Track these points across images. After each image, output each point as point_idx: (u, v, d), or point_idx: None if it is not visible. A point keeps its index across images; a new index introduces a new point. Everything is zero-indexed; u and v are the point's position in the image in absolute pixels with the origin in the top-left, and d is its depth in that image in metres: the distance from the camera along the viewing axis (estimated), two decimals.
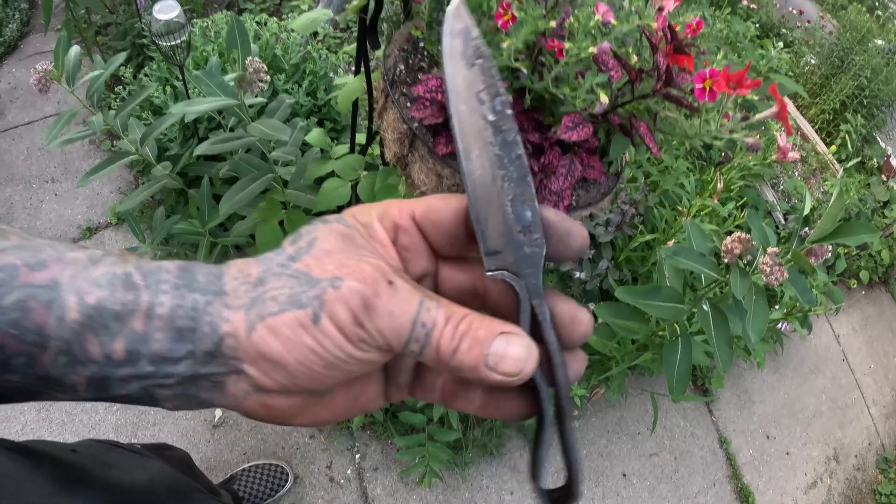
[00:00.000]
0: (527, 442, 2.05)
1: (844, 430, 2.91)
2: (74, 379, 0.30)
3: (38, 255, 0.30)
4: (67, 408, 1.86)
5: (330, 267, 0.30)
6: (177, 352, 0.29)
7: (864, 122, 3.85)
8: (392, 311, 0.30)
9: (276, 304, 0.30)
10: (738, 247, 1.28)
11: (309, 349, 0.29)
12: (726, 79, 0.72)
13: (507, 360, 0.30)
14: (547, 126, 0.81)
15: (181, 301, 0.30)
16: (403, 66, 0.90)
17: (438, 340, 0.30)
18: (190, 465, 1.11)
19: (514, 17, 0.71)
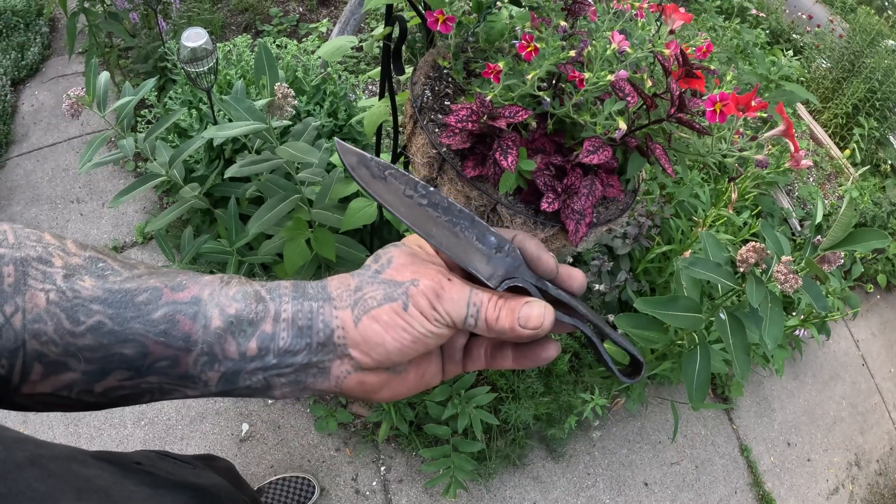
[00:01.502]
0: (549, 452, 2.07)
1: (865, 435, 2.90)
2: (210, 375, 0.39)
3: (174, 279, 0.40)
4: (96, 423, 1.91)
5: (408, 273, 0.43)
6: (297, 345, 0.40)
7: (878, 125, 3.85)
8: (454, 298, 0.42)
9: (375, 301, 0.41)
10: (752, 256, 1.31)
11: (402, 328, 0.40)
12: (735, 101, 0.76)
13: (532, 317, 0.42)
14: (568, 149, 0.85)
15: (300, 307, 0.41)
16: (430, 93, 0.94)
17: (485, 313, 0.42)
18: (236, 475, 1.14)
19: (536, 48, 0.75)
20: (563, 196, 0.80)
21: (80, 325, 0.36)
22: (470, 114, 0.77)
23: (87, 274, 0.37)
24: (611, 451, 2.16)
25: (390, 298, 0.41)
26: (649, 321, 1.58)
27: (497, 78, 0.75)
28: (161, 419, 1.94)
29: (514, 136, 0.79)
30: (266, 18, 3.05)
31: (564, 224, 0.82)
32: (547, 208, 0.79)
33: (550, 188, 0.79)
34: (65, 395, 0.38)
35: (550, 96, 0.81)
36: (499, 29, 0.91)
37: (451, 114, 0.78)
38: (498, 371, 1.84)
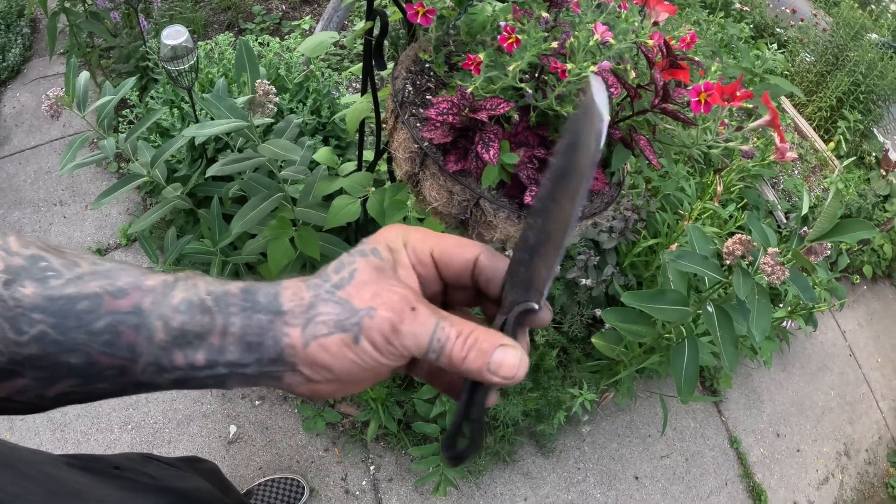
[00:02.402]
0: (538, 447, 2.07)
1: (854, 425, 2.92)
2: (160, 381, 0.38)
3: (115, 282, 0.38)
4: (82, 428, 1.89)
5: (367, 295, 0.38)
6: (247, 359, 0.38)
7: (862, 118, 3.87)
8: (414, 332, 0.38)
9: (325, 328, 0.38)
10: (739, 248, 1.31)
11: (351, 361, 0.38)
12: (720, 91, 0.75)
13: (505, 366, 0.38)
14: (552, 141, 0.84)
15: (249, 321, 0.38)
16: (412, 88, 0.93)
17: (451, 351, 0.38)
18: (221, 477, 1.13)
19: (518, 40, 0.74)
20: None
21: (24, 334, 0.35)
22: (451, 106, 0.76)
23: (27, 278, 0.36)
24: (601, 446, 2.16)
25: (341, 328, 0.38)
26: (637, 315, 1.58)
27: (477, 69, 0.74)
28: (148, 423, 1.92)
29: (496, 129, 0.78)
30: (249, 16, 3.02)
31: None
32: (531, 202, 0.78)
33: (534, 181, 0.78)
34: (18, 400, 0.38)
35: (533, 88, 0.80)
36: (480, 21, 0.90)
37: (432, 107, 0.77)
38: None
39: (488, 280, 0.43)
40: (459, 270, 0.43)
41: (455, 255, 0.43)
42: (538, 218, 0.41)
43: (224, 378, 0.38)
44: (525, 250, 0.42)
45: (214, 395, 1.94)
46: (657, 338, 1.64)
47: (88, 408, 1.85)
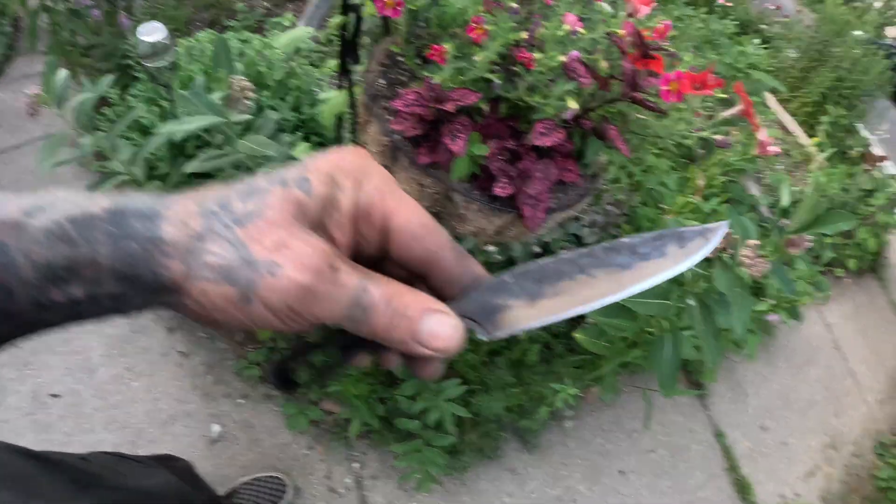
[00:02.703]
0: (523, 443, 2.07)
1: (840, 417, 2.94)
2: (49, 318, 0.33)
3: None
4: (66, 429, 1.88)
5: (269, 244, 0.31)
6: (129, 291, 0.32)
7: (846, 113, 3.89)
8: (332, 296, 0.31)
9: (211, 272, 0.30)
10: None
11: (237, 319, 0.31)
12: (691, 80, 0.75)
13: (440, 336, 0.33)
14: (522, 132, 0.84)
15: (118, 252, 0.31)
16: (384, 81, 0.92)
17: (377, 319, 0.32)
18: (194, 475, 1.12)
19: (486, 30, 0.73)
20: (517, 181, 0.78)
21: None
22: (418, 98, 0.75)
23: None
24: (586, 441, 2.16)
25: (229, 279, 0.30)
26: (618, 309, 1.58)
27: (443, 59, 0.74)
28: (131, 423, 1.91)
29: (464, 120, 0.77)
30: (231, 14, 3.00)
31: (521, 210, 0.81)
32: (500, 193, 0.77)
33: (504, 173, 0.78)
34: None
35: (503, 80, 0.79)
36: (451, 14, 0.89)
37: (399, 98, 0.76)
38: (467, 363, 1.82)
39: (447, 281, 0.37)
40: (414, 257, 0.36)
41: (417, 239, 0.36)
42: (566, 275, 0.37)
43: (117, 309, 0.33)
44: (527, 285, 0.37)
45: (197, 394, 1.93)
46: (640, 332, 1.64)
47: (72, 409, 1.83)
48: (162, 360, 1.94)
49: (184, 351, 1.96)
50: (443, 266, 0.36)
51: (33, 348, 1.83)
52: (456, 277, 0.37)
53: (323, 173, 0.33)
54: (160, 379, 1.91)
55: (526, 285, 0.36)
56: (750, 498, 2.35)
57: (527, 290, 0.36)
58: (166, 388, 1.91)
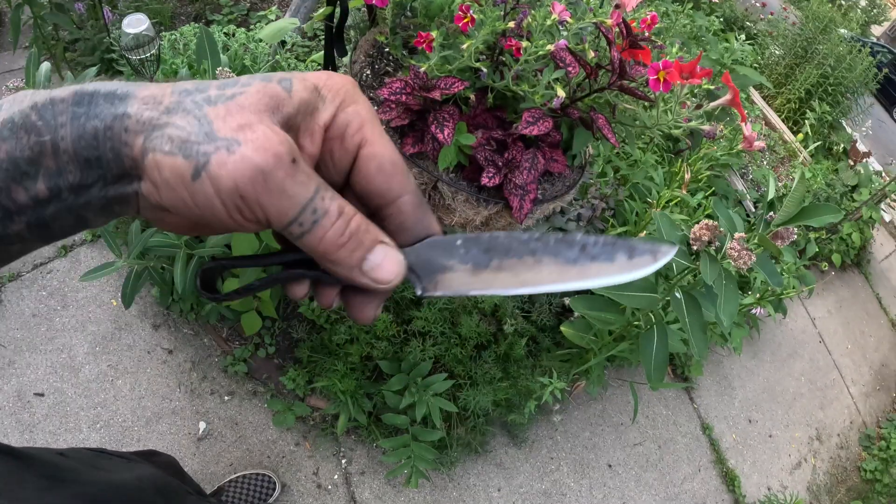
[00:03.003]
0: (511, 437, 2.07)
1: (825, 410, 2.97)
2: (16, 229, 0.31)
3: None
4: (51, 428, 1.85)
5: (233, 124, 0.29)
6: (89, 178, 0.30)
7: (830, 110, 3.93)
8: (286, 190, 0.29)
9: (168, 143, 0.28)
10: (706, 234, 1.31)
11: (181, 198, 0.29)
12: (679, 69, 0.74)
13: (383, 269, 0.33)
14: (510, 123, 0.83)
15: (82, 131, 0.29)
16: (370, 71, 0.91)
17: (326, 231, 0.31)
18: (178, 469, 1.11)
19: (473, 19, 0.73)
20: (504, 170, 0.78)
21: None
22: (404, 86, 0.74)
23: None
24: (573, 435, 2.17)
25: (184, 152, 0.28)
26: (606, 302, 1.58)
27: (429, 47, 0.73)
28: (116, 421, 1.89)
29: (451, 109, 0.76)
30: (216, 8, 2.98)
31: (508, 200, 0.81)
32: (487, 183, 0.77)
33: (491, 163, 0.77)
34: None
35: (490, 69, 0.79)
36: (438, 3, 0.88)
37: (385, 87, 0.75)
38: (454, 357, 1.82)
39: (401, 227, 0.36)
40: (376, 191, 0.35)
41: (384, 173, 0.35)
42: (514, 253, 0.37)
43: (79, 209, 0.31)
44: (475, 253, 0.37)
45: (183, 392, 1.91)
46: (626, 325, 1.64)
47: (57, 408, 1.81)
48: (147, 357, 1.92)
49: (169, 348, 1.94)
50: (402, 209, 0.35)
51: (17, 347, 1.81)
52: (410, 225, 0.36)
53: (309, 82, 0.33)
54: (145, 376, 1.89)
55: (474, 253, 0.36)
56: (736, 490, 2.37)
57: (473, 257, 0.36)
58: (151, 385, 1.89)
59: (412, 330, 1.81)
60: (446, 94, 0.74)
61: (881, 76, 4.12)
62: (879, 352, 3.54)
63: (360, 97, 0.35)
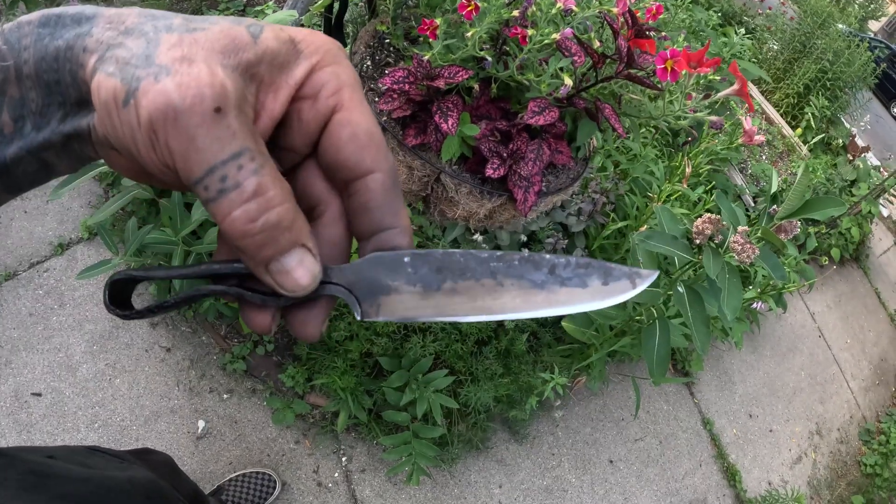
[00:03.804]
0: (512, 434, 2.05)
1: (825, 404, 2.96)
2: None
3: None
4: (48, 429, 1.84)
5: (178, 53, 0.26)
6: (50, 107, 0.28)
7: (828, 104, 3.92)
8: (196, 141, 0.25)
9: (113, 65, 0.26)
10: (708, 227, 1.30)
11: (112, 126, 0.26)
12: (687, 58, 0.73)
13: (291, 277, 0.29)
14: (514, 114, 0.82)
15: (43, 53, 0.27)
16: (370, 62, 0.90)
17: (233, 209, 0.26)
18: (174, 468, 1.09)
19: (476, 6, 0.71)
20: (509, 161, 0.77)
21: None
22: (407, 75, 0.73)
23: None
24: (574, 431, 2.16)
25: (122, 75, 0.25)
26: None
27: (434, 34, 0.71)
28: (115, 421, 1.87)
29: (455, 99, 0.75)
30: (213, 3, 2.96)
31: (512, 193, 0.79)
32: (492, 174, 0.75)
33: (496, 154, 0.76)
34: None
35: (494, 58, 0.77)
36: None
37: (387, 76, 0.74)
38: (455, 353, 1.81)
39: (364, 210, 0.31)
40: (343, 163, 0.31)
41: (356, 143, 0.31)
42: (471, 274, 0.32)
43: (41, 151, 0.28)
44: (425, 273, 0.32)
45: (182, 390, 1.90)
46: (628, 320, 1.63)
47: (54, 408, 1.79)
48: (145, 355, 1.90)
49: (167, 346, 1.92)
50: (370, 189, 0.31)
51: (13, 347, 1.79)
52: (374, 207, 0.31)
53: (285, 34, 0.29)
54: (143, 375, 1.87)
55: (423, 272, 0.32)
56: (737, 485, 2.36)
57: (423, 278, 0.32)
58: (149, 384, 1.87)
59: (412, 326, 1.80)
60: (450, 83, 0.72)
61: (879, 71, 4.12)
62: (878, 346, 3.54)
63: (343, 60, 0.31)
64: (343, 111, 0.30)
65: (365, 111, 0.31)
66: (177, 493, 0.84)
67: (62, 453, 0.64)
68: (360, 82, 0.32)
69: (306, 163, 0.33)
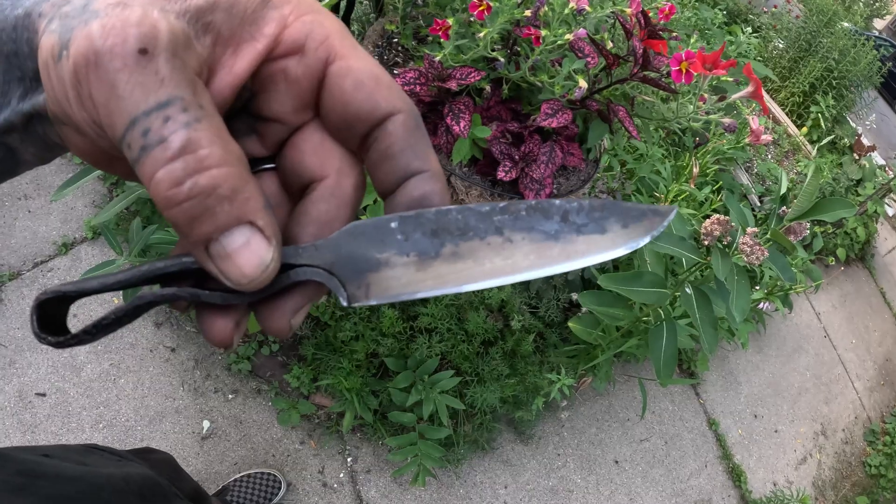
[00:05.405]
0: (517, 434, 2.05)
1: (830, 405, 2.95)
2: None
3: None
4: (53, 429, 1.83)
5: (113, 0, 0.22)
6: (10, 83, 0.25)
7: (834, 103, 3.91)
8: (116, 88, 0.21)
9: (56, 22, 0.23)
10: (717, 229, 1.29)
11: (52, 87, 0.23)
12: (702, 60, 0.72)
13: (234, 262, 0.24)
14: (525, 115, 0.81)
15: (4, 24, 0.24)
16: (379, 62, 0.89)
17: (155, 168, 0.21)
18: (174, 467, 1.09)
19: (489, 6, 0.70)
20: (521, 164, 0.76)
21: None
22: (418, 76, 0.72)
23: None
24: (580, 431, 2.15)
25: (60, 31, 0.22)
26: (614, 298, 1.56)
27: (446, 35, 0.70)
28: (119, 421, 1.87)
29: (466, 100, 0.74)
30: None
31: (523, 195, 0.79)
32: (504, 177, 0.74)
33: (507, 156, 0.75)
34: None
35: (505, 59, 0.76)
36: None
37: (398, 77, 0.73)
38: (461, 354, 1.80)
39: (385, 153, 0.27)
40: (354, 114, 0.27)
41: (363, 89, 0.26)
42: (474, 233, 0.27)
43: (4, 135, 0.26)
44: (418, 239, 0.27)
45: (187, 390, 1.89)
46: (635, 321, 1.62)
47: (59, 408, 1.79)
48: (149, 355, 1.90)
49: (171, 346, 1.92)
50: (390, 132, 0.26)
51: (18, 346, 1.79)
52: (397, 152, 0.27)
53: None
54: (148, 375, 1.87)
55: (417, 238, 0.27)
56: (743, 485, 2.35)
57: (417, 244, 0.27)
58: (154, 384, 1.87)
59: (418, 326, 1.79)
60: (462, 85, 0.72)
61: (885, 70, 4.10)
62: (883, 346, 3.53)
63: (321, 8, 0.27)
64: (338, 60, 0.26)
65: (362, 55, 0.27)
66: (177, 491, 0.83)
67: (58, 452, 0.63)
68: (347, 29, 0.28)
69: (296, 135, 0.29)
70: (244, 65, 0.25)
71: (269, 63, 0.26)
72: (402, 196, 0.27)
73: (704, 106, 0.83)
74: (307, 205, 0.28)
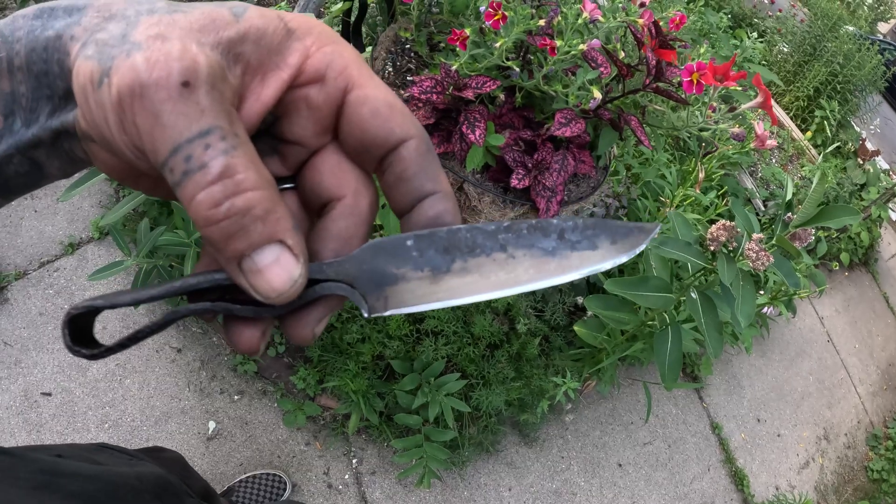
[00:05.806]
0: (522, 437, 2.05)
1: (833, 409, 2.96)
2: None
3: None
4: (59, 428, 1.84)
5: (154, 31, 0.24)
6: (39, 100, 0.27)
7: (839, 108, 3.91)
8: (161, 117, 0.23)
9: (93, 48, 0.25)
10: (723, 234, 1.30)
11: (89, 110, 0.25)
12: (713, 71, 0.73)
13: (265, 278, 0.26)
14: (538, 123, 0.82)
15: (34, 44, 0.26)
16: (392, 68, 0.90)
17: (197, 191, 0.24)
18: (184, 465, 1.09)
19: (504, 16, 0.71)
20: (534, 172, 0.76)
21: None
22: (434, 84, 0.73)
23: None
24: (584, 434, 2.16)
25: (100, 56, 0.24)
26: (620, 302, 1.57)
27: (463, 45, 0.71)
28: (125, 421, 1.88)
29: (481, 109, 0.75)
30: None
31: (535, 202, 0.79)
32: (517, 185, 0.75)
33: (520, 164, 0.76)
34: None
35: (519, 68, 0.77)
36: (463, 0, 0.87)
37: (414, 85, 0.74)
38: (467, 357, 1.81)
39: (400, 176, 0.29)
40: (370, 140, 0.29)
41: (380, 117, 0.29)
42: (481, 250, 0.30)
43: (31, 150, 0.27)
44: (431, 255, 0.30)
45: (192, 391, 1.90)
46: (640, 325, 1.63)
47: (64, 408, 1.80)
48: (155, 356, 1.90)
49: (178, 347, 1.93)
50: (403, 157, 0.29)
51: (23, 346, 1.79)
52: (411, 175, 0.29)
53: (274, 14, 0.28)
54: (154, 375, 1.88)
55: (430, 255, 0.30)
56: (745, 490, 2.36)
57: (431, 260, 0.30)
58: (160, 384, 1.87)
59: (425, 329, 1.80)
60: (478, 94, 0.72)
61: (889, 74, 4.10)
62: (886, 351, 3.54)
63: (340, 39, 0.29)
64: (356, 89, 0.29)
65: (378, 84, 0.29)
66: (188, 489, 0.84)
67: (70, 451, 0.64)
68: (363, 60, 0.30)
69: (315, 157, 0.31)
70: (271, 92, 0.27)
71: (293, 90, 0.29)
72: (418, 215, 0.30)
73: (714, 115, 0.84)
74: (328, 222, 0.30)
